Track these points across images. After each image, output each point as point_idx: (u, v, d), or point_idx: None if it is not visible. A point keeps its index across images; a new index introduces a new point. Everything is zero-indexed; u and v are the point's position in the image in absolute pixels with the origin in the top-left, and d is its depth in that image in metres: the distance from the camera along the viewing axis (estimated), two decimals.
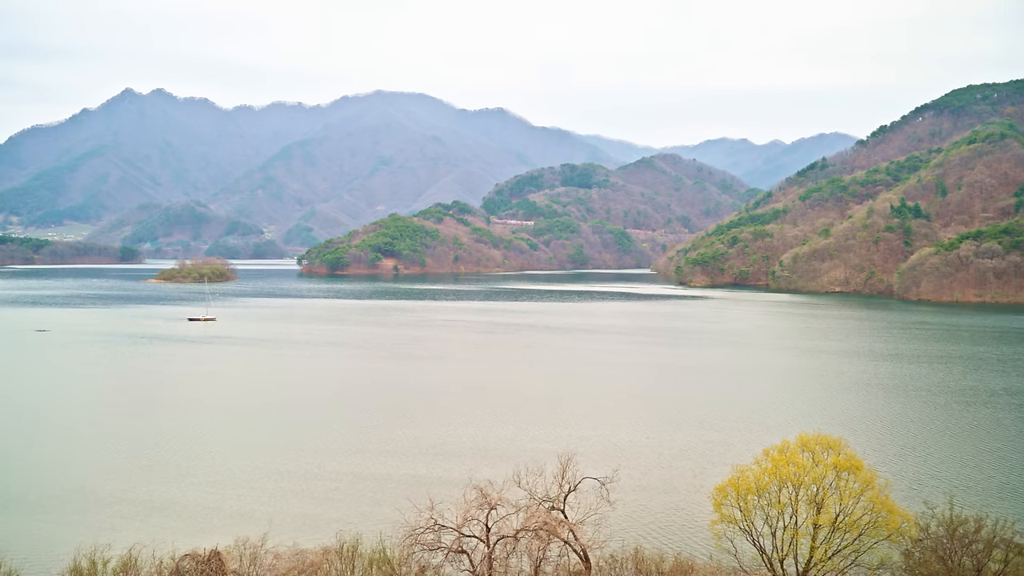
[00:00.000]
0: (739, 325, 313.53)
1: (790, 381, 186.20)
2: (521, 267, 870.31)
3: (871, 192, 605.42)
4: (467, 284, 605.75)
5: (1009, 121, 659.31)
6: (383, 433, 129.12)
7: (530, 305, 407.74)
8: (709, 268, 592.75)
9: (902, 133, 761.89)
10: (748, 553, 62.89)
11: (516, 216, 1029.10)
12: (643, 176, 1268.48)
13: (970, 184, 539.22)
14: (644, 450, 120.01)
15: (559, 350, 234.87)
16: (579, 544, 56.30)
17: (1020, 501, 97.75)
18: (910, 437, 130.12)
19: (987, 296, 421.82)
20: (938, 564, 57.80)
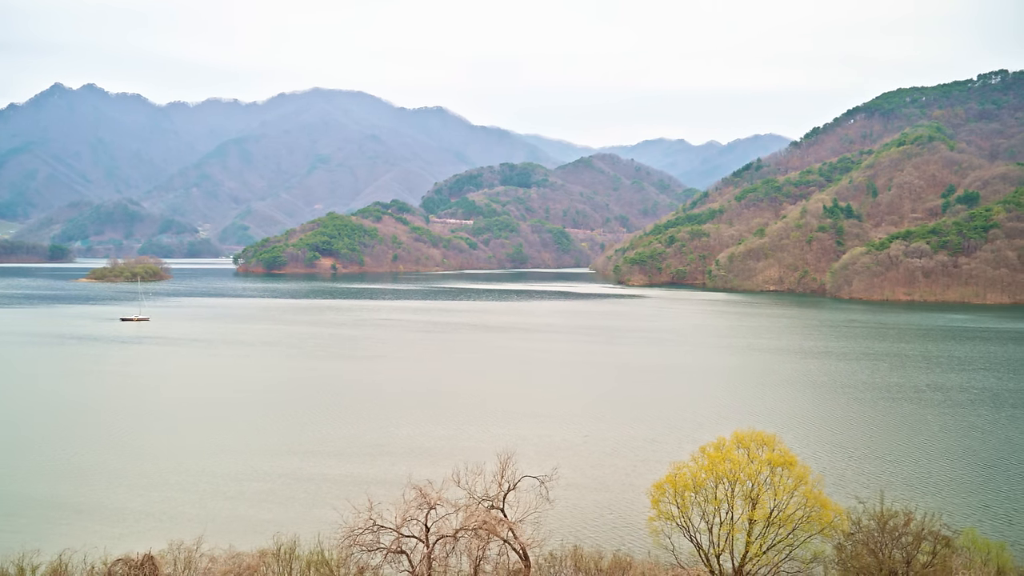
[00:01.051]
0: (676, 324, 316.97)
1: (725, 379, 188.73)
2: (460, 266, 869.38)
3: (805, 192, 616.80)
4: (406, 283, 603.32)
5: (937, 124, 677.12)
6: (320, 433, 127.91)
7: (469, 304, 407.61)
8: (647, 267, 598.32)
9: (834, 135, 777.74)
10: (685, 549, 63.61)
11: (455, 215, 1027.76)
12: (582, 176, 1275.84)
13: (900, 185, 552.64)
14: (583, 448, 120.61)
15: (498, 349, 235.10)
16: (518, 543, 56.34)
17: (947, 494, 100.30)
18: (841, 433, 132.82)
19: (916, 295, 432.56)
20: (869, 557, 59.02)
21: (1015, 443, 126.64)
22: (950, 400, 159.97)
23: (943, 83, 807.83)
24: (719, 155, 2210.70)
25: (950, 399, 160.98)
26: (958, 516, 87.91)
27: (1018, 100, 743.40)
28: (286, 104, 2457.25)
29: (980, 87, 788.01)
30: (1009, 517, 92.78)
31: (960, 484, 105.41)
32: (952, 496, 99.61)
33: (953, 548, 60.72)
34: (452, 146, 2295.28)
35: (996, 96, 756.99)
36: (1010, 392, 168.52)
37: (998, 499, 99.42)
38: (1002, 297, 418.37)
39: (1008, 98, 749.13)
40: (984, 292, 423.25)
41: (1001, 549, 65.00)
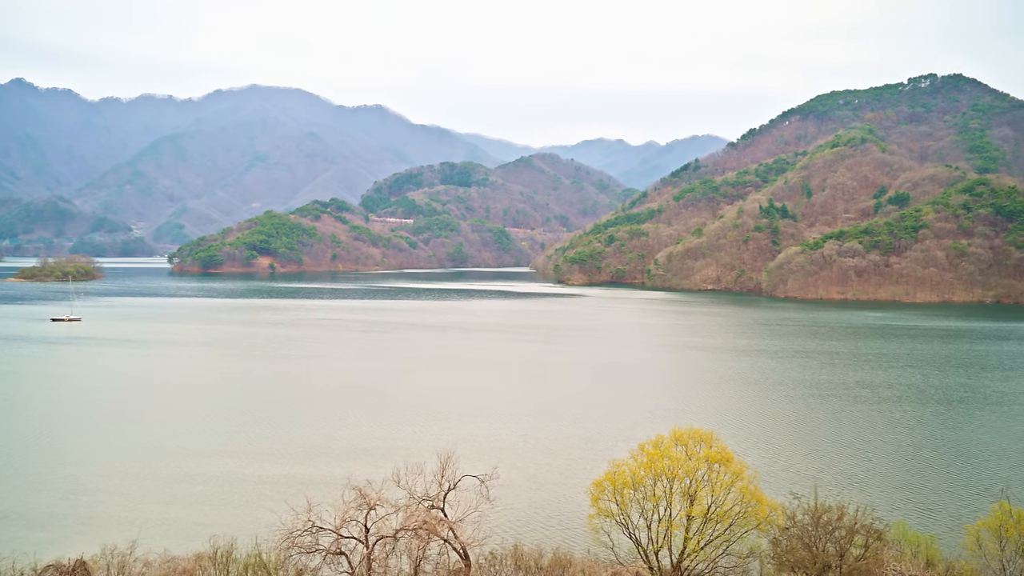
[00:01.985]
0: (615, 323, 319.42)
1: (664, 377, 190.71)
2: (400, 265, 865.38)
3: (741, 193, 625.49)
4: (345, 282, 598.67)
5: (869, 126, 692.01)
6: (257, 434, 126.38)
7: (409, 304, 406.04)
8: (587, 266, 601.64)
9: (770, 136, 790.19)
10: (624, 546, 64.10)
11: (395, 214, 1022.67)
12: (522, 175, 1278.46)
13: (833, 186, 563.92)
14: (522, 447, 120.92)
15: (437, 349, 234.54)
16: (459, 542, 56.29)
17: (878, 489, 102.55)
18: (775, 429, 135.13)
19: (849, 293, 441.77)
20: (804, 551, 60.07)
21: (940, 439, 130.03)
22: (877, 397, 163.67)
23: (875, 86, 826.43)
24: (658, 155, 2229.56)
25: (877, 395, 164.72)
26: (889, 510, 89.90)
27: (946, 103, 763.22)
28: (223, 101, 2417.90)
29: (910, 90, 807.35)
30: (936, 510, 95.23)
31: (890, 479, 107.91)
32: (883, 490, 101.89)
33: (884, 541, 62.08)
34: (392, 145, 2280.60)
35: (925, 99, 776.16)
36: (935, 388, 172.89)
37: (926, 493, 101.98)
38: (931, 296, 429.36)
39: (937, 101, 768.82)
40: (914, 291, 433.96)
41: (930, 541, 66.68)
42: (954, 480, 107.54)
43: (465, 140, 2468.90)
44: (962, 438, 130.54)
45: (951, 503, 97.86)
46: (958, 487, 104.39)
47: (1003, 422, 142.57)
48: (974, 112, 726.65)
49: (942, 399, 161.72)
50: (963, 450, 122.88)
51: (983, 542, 58.70)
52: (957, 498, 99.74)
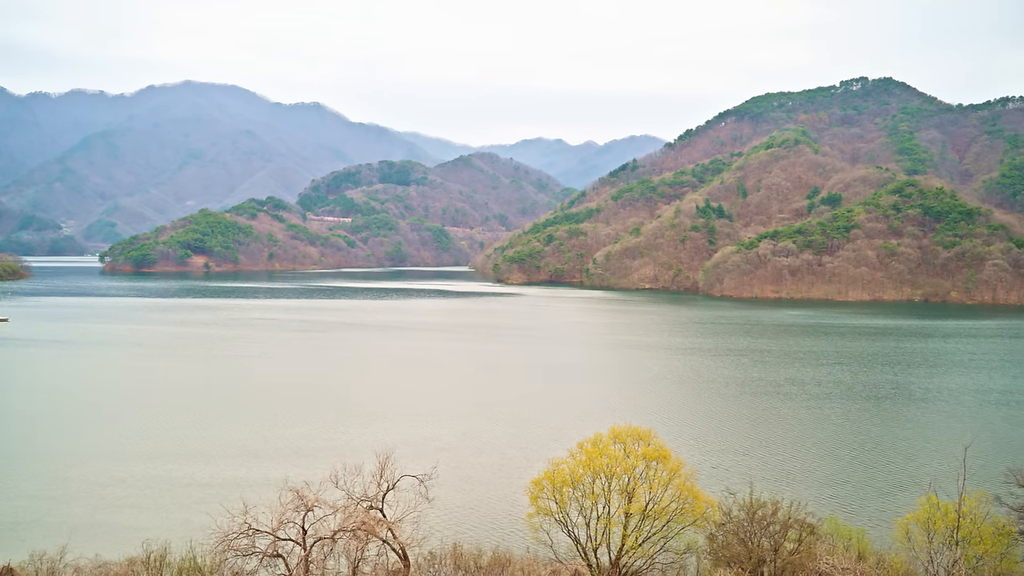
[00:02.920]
0: (553, 321, 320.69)
1: (602, 375, 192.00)
2: (338, 264, 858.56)
3: (678, 193, 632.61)
4: (282, 282, 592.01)
5: (802, 128, 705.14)
6: (191, 436, 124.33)
7: (347, 303, 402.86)
8: (526, 266, 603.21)
9: (706, 137, 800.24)
10: (564, 543, 64.41)
11: (333, 213, 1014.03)
12: (461, 174, 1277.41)
13: (768, 186, 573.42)
14: (462, 446, 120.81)
15: (376, 348, 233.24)
16: (398, 543, 56.01)
17: (810, 484, 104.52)
18: (711, 427, 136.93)
19: (783, 292, 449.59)
20: (739, 546, 60.98)
21: (869, 435, 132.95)
22: (807, 394, 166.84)
23: (808, 89, 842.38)
24: (596, 155, 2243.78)
25: (807, 393, 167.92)
26: (821, 505, 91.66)
27: (877, 106, 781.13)
28: (156, 97, 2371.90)
29: (842, 93, 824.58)
30: (867, 504, 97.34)
31: (822, 474, 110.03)
32: (815, 486, 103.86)
33: (817, 535, 63.30)
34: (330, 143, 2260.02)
35: (857, 102, 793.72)
36: (862, 385, 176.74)
37: (856, 488, 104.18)
38: (862, 294, 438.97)
39: (868, 104, 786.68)
40: (846, 289, 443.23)
41: (861, 535, 68.16)
42: (883, 475, 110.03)
43: (404, 139, 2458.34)
44: (890, 434, 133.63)
45: (881, 497, 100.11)
46: (887, 482, 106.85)
47: (928, 418, 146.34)
48: (903, 115, 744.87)
49: (869, 396, 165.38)
50: (891, 445, 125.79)
51: (912, 534, 60.14)
52: (886, 492, 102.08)
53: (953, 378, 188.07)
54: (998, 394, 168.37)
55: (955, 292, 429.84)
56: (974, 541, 57.97)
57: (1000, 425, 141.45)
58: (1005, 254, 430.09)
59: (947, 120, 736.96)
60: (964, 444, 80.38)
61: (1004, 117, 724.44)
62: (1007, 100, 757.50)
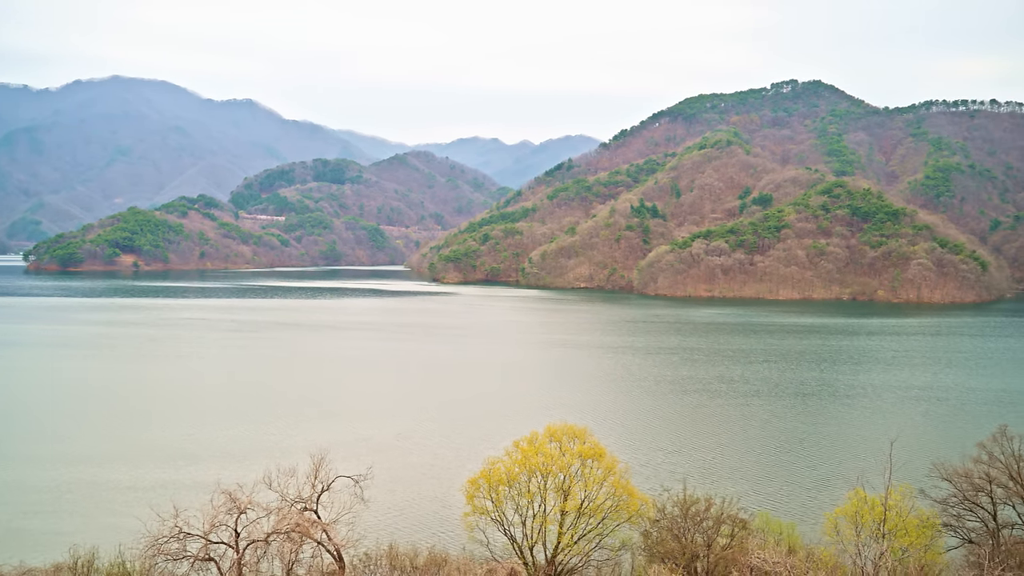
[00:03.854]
0: (489, 321, 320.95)
1: (538, 374, 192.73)
2: (272, 263, 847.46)
3: (613, 192, 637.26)
4: (213, 281, 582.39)
5: (734, 129, 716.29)
6: (118, 438, 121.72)
7: (280, 302, 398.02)
8: (462, 265, 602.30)
9: (641, 137, 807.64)
10: (500, 542, 64.45)
11: (266, 211, 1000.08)
12: (397, 173, 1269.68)
13: (701, 187, 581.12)
14: (397, 446, 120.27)
15: (310, 348, 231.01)
16: (332, 544, 55.55)
17: (742, 480, 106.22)
18: (646, 424, 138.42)
19: (716, 291, 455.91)
20: (673, 542, 61.70)
21: (797, 431, 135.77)
22: (736, 391, 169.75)
23: (740, 90, 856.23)
24: (532, 154, 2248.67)
25: (736, 390, 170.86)
26: (753, 500, 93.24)
27: (806, 108, 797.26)
28: (82, 92, 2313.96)
29: (773, 95, 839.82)
30: (796, 499, 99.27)
31: (753, 470, 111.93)
32: (747, 481, 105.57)
33: (749, 530, 64.33)
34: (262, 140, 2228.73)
35: (787, 104, 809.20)
36: (790, 383, 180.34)
37: (787, 483, 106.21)
38: (792, 293, 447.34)
39: (797, 106, 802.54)
40: (777, 288, 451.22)
41: (791, 529, 69.43)
42: (812, 470, 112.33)
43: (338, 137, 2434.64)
44: (817, 430, 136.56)
45: (810, 492, 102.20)
46: (816, 477, 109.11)
47: (854, 414, 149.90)
48: (832, 117, 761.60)
49: (797, 393, 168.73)
50: (819, 441, 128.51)
51: (840, 528, 61.40)
52: (816, 487, 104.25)
53: (877, 375, 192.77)
54: (920, 390, 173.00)
55: (882, 291, 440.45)
56: (900, 533, 59.41)
57: (924, 420, 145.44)
58: (929, 254, 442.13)
59: (874, 122, 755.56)
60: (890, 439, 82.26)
61: (928, 120, 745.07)
62: (931, 103, 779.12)
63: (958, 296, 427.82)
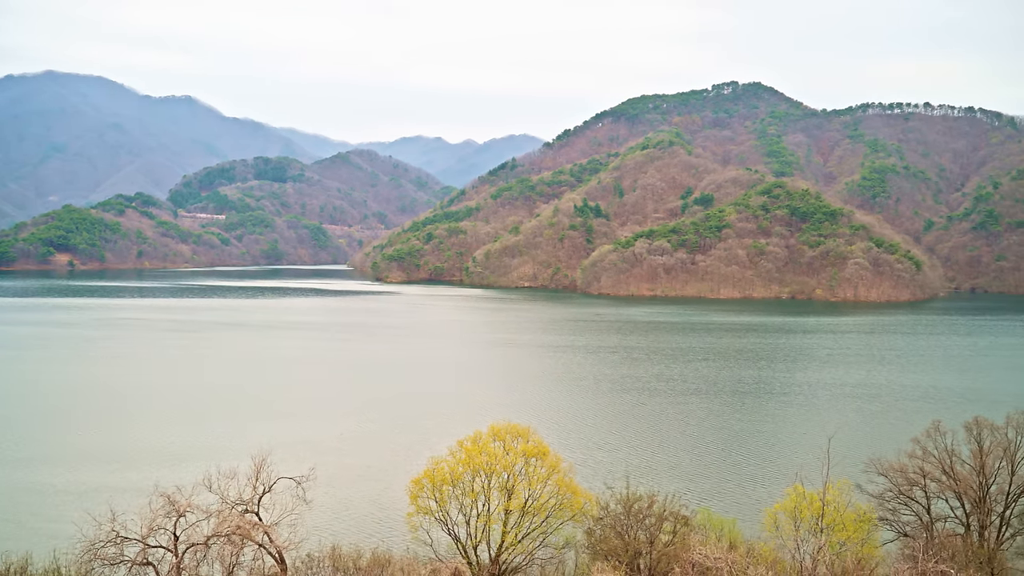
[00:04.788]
0: (433, 320, 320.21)
1: (481, 373, 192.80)
2: (212, 263, 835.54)
3: (557, 192, 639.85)
4: (152, 280, 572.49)
5: (676, 130, 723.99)
6: (52, 441, 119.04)
7: (221, 302, 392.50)
8: (405, 264, 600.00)
9: (584, 137, 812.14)
10: (444, 542, 64.32)
11: (206, 210, 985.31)
12: (339, 171, 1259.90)
13: (644, 187, 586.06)
14: (340, 446, 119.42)
15: (251, 348, 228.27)
16: (274, 546, 54.97)
17: (685, 477, 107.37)
18: (589, 422, 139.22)
19: (658, 290, 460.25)
20: (617, 540, 62.07)
21: (738, 428, 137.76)
22: (676, 390, 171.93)
23: (682, 91, 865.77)
24: (476, 154, 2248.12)
25: (676, 389, 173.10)
26: (695, 497, 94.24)
27: (747, 110, 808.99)
28: (14, 87, 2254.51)
29: (714, 96, 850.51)
30: (737, 495, 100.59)
31: (695, 467, 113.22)
32: (689, 478, 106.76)
33: (691, 527, 65.02)
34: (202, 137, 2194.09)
35: (728, 106, 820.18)
36: (731, 381, 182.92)
37: (727, 479, 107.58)
38: (733, 292, 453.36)
39: (738, 108, 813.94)
40: (718, 287, 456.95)
41: (732, 525, 70.29)
42: (752, 466, 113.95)
43: (280, 135, 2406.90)
44: (757, 427, 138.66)
45: (751, 488, 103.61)
46: (756, 473, 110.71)
47: (793, 411, 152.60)
48: (772, 119, 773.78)
49: (737, 391, 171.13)
50: (759, 438, 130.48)
51: (780, 523, 62.35)
52: (756, 483, 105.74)
53: (813, 373, 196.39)
54: (855, 387, 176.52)
55: (820, 290, 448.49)
56: (837, 528, 60.50)
57: (860, 417, 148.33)
58: (866, 253, 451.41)
59: (812, 124, 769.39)
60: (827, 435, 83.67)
61: (864, 122, 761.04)
62: (867, 106, 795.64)
63: (893, 295, 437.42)
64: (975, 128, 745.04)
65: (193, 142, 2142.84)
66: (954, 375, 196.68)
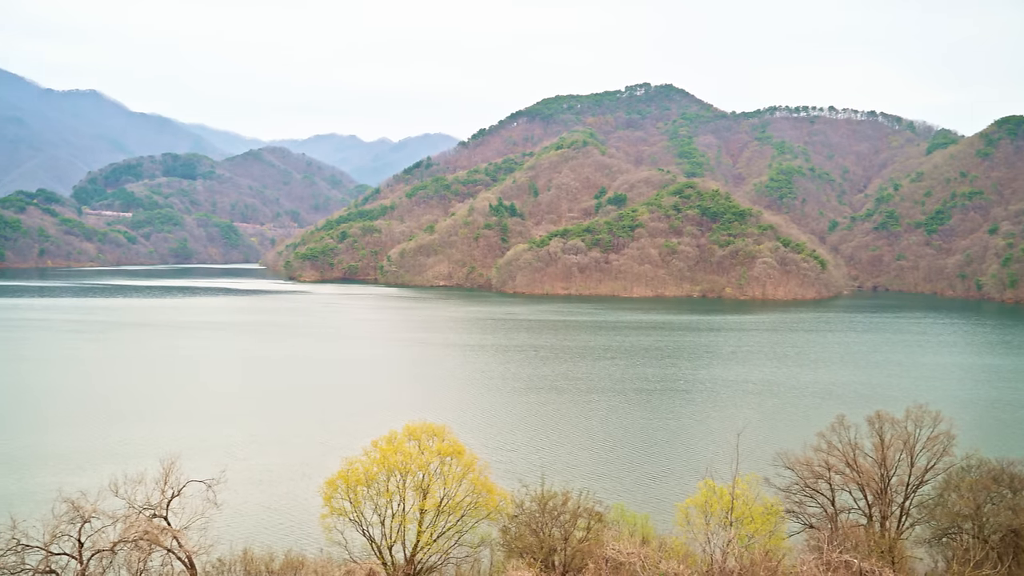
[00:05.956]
0: (347, 319, 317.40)
1: (396, 373, 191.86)
2: (119, 262, 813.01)
3: (472, 191, 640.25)
4: (55, 280, 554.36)
5: (590, 130, 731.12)
6: None
7: (128, 302, 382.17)
8: (319, 263, 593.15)
9: (499, 136, 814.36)
10: (359, 543, 63.91)
11: (112, 207, 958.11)
12: (251, 169, 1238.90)
13: (558, 186, 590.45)
14: (252, 448, 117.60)
15: (160, 349, 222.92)
16: (183, 551, 53.93)
17: (599, 474, 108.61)
18: (504, 421, 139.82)
19: (572, 289, 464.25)
20: (532, 537, 62.55)
21: (650, 425, 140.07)
22: (590, 388, 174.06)
23: (596, 92, 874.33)
24: (391, 152, 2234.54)
25: (590, 387, 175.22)
26: (609, 493, 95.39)
27: (659, 111, 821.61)
28: None
29: (627, 98, 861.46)
30: (650, 490, 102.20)
31: (609, 464, 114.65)
32: (603, 475, 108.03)
33: (605, 522, 65.87)
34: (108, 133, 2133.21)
35: (641, 107, 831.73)
36: (640, 378, 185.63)
37: (640, 475, 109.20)
38: (646, 291, 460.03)
39: (650, 109, 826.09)
40: (631, 286, 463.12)
41: (645, 520, 71.42)
42: (665, 462, 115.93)
43: (189, 131, 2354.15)
44: (668, 424, 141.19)
45: (663, 484, 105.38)
46: (669, 469, 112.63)
47: (701, 407, 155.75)
48: (683, 120, 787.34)
49: (641, 388, 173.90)
50: (671, 434, 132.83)
51: (691, 517, 63.58)
52: (668, 478, 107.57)
53: (719, 370, 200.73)
54: (760, 384, 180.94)
55: (729, 288, 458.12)
56: (746, 521, 61.97)
57: (767, 412, 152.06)
58: (773, 253, 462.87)
59: (722, 126, 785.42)
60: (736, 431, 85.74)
61: (772, 125, 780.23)
62: (775, 109, 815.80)
63: (799, 293, 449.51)
64: (877, 131, 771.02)
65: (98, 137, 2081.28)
66: (851, 371, 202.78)
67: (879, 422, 75.89)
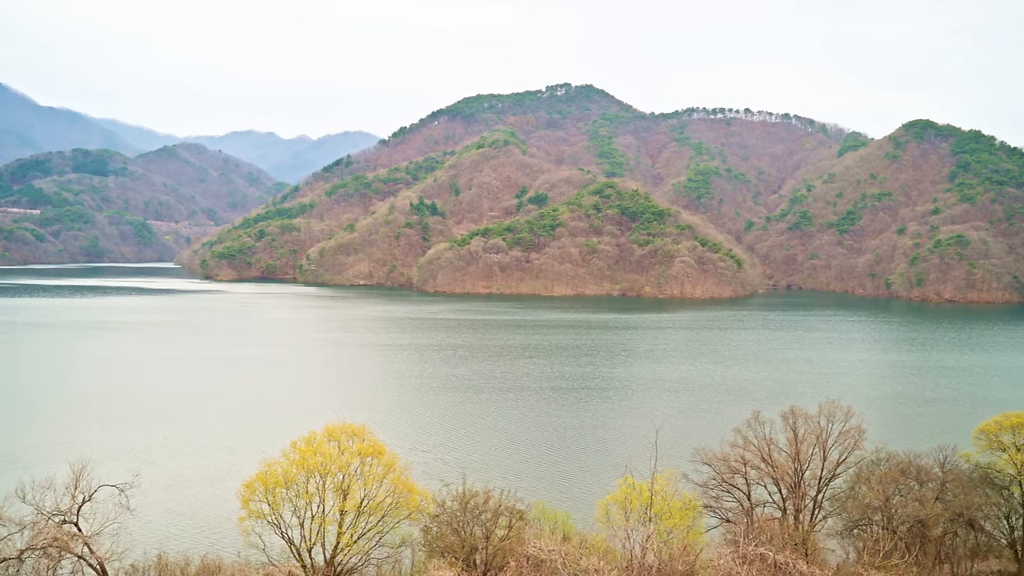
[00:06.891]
0: (264, 318, 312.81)
1: (315, 373, 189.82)
2: (25, 260, 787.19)
3: (393, 190, 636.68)
4: None
5: (511, 130, 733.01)
6: None
7: (34, 301, 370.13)
8: (236, 262, 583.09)
9: (420, 135, 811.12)
10: (277, 546, 62.99)
11: (19, 204, 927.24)
12: (166, 165, 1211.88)
13: (479, 185, 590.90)
14: (166, 451, 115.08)
15: (68, 350, 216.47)
16: (95, 557, 52.52)
17: (520, 472, 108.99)
18: (424, 420, 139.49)
19: (494, 287, 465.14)
20: (453, 536, 62.46)
21: (570, 423, 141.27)
22: (502, 387, 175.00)
23: (517, 92, 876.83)
24: (310, 149, 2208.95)
25: (501, 386, 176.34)
26: (530, 491, 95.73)
27: (579, 111, 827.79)
28: None
29: (548, 98, 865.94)
30: (569, 488, 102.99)
31: (530, 462, 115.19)
32: (524, 473, 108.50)
33: (526, 520, 66.10)
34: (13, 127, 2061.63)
35: (561, 107, 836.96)
36: (549, 377, 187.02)
37: (561, 473, 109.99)
38: (567, 289, 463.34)
39: (571, 109, 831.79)
40: (552, 285, 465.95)
41: (566, 517, 71.97)
42: (585, 459, 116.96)
43: (101, 126, 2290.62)
44: (588, 421, 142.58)
45: (584, 480, 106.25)
46: (588, 465, 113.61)
47: (619, 405, 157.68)
48: (603, 120, 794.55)
49: (559, 387, 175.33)
50: (590, 432, 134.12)
51: (611, 514, 64.15)
52: (588, 475, 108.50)
53: (635, 368, 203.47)
54: (676, 382, 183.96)
55: (648, 287, 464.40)
56: (665, 516, 62.78)
57: (683, 409, 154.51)
58: (691, 252, 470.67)
59: (641, 127, 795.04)
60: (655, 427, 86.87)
61: (690, 126, 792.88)
62: (692, 111, 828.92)
63: (717, 291, 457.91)
64: (791, 133, 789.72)
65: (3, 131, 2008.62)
66: (765, 368, 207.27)
67: (793, 417, 77.65)
